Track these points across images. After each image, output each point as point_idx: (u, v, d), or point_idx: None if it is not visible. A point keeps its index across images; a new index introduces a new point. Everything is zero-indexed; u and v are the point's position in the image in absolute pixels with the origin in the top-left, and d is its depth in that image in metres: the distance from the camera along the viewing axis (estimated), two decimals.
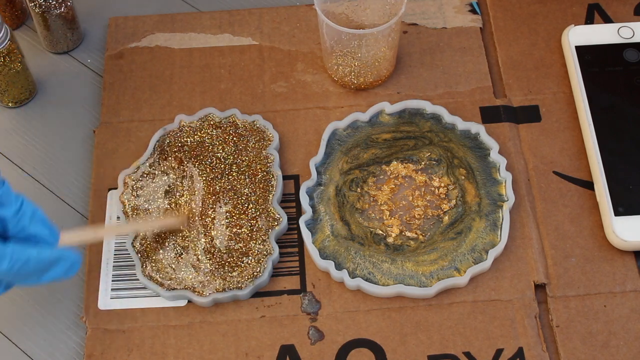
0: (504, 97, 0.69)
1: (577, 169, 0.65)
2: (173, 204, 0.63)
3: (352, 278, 0.60)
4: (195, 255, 0.61)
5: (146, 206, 0.63)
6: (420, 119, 0.67)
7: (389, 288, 0.59)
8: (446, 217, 0.62)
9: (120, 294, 0.61)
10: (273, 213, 0.62)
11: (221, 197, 0.63)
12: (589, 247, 0.62)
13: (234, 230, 0.62)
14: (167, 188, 0.63)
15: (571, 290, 0.60)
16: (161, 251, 0.61)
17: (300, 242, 0.63)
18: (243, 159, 0.65)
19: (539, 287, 0.61)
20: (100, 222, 0.64)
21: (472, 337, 0.59)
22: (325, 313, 0.60)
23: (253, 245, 0.61)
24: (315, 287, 0.61)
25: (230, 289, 0.60)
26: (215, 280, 0.60)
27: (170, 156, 0.65)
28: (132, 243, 0.62)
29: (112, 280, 0.62)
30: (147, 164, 0.65)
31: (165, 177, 0.64)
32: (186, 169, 0.64)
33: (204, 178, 0.64)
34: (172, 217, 0.62)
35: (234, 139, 0.66)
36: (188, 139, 0.66)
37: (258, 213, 0.62)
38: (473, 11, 0.73)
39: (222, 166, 0.64)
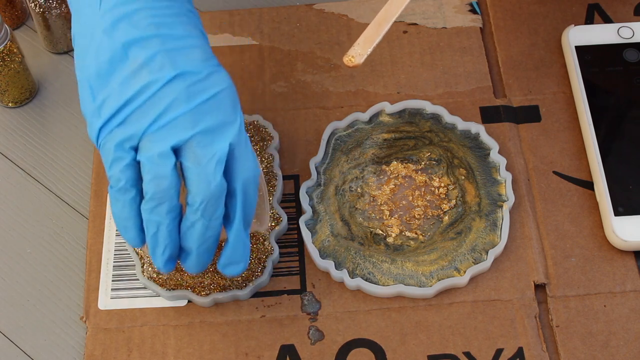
0: (504, 97, 0.69)
1: (577, 169, 0.65)
2: None
3: (352, 278, 0.60)
4: None
5: None
6: (420, 119, 0.67)
7: (389, 288, 0.59)
8: (446, 217, 0.62)
9: (120, 294, 0.61)
10: (273, 213, 0.62)
11: None
12: (589, 247, 0.62)
13: None
14: None
15: (571, 290, 0.60)
16: None
17: (300, 242, 0.63)
18: None
19: (539, 287, 0.61)
20: (100, 222, 0.64)
21: (472, 337, 0.59)
22: (325, 313, 0.60)
23: (253, 245, 0.61)
24: (315, 287, 0.61)
25: (230, 289, 0.60)
26: (215, 280, 0.60)
27: None
28: None
29: (112, 280, 0.62)
30: None
31: None
32: None
33: None
34: None
35: None
36: None
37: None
38: (473, 11, 0.73)
39: None
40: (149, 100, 0.49)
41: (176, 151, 0.49)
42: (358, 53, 0.55)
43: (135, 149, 0.49)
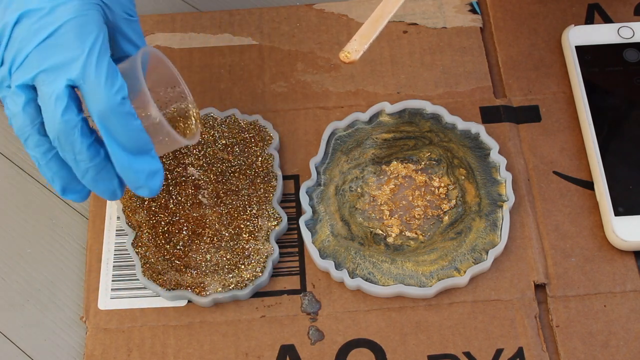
0: (504, 97, 0.69)
1: (577, 169, 0.65)
2: (174, 203, 0.63)
3: (352, 278, 0.60)
4: (195, 255, 0.61)
5: (147, 205, 0.63)
6: (420, 119, 0.67)
7: (389, 288, 0.60)
8: (446, 217, 0.62)
9: (120, 294, 0.61)
10: (273, 213, 0.62)
11: (221, 197, 0.63)
12: (589, 247, 0.62)
13: (234, 230, 0.62)
14: (168, 188, 0.63)
15: (571, 290, 0.60)
16: (161, 251, 0.61)
17: (300, 242, 0.63)
18: (243, 159, 0.65)
19: (539, 287, 0.61)
20: (100, 222, 0.64)
21: (472, 337, 0.59)
22: (325, 313, 0.60)
23: (253, 245, 0.61)
24: (315, 287, 0.61)
25: (230, 289, 0.60)
26: (215, 280, 0.60)
27: (170, 156, 0.65)
28: (132, 243, 0.62)
29: (112, 280, 0.62)
30: None
31: (166, 177, 0.64)
32: (186, 169, 0.64)
33: (204, 178, 0.64)
34: None
35: (234, 139, 0.66)
36: None
37: (258, 213, 0.62)
38: (473, 11, 0.73)
39: (222, 166, 0.64)
40: (8, 42, 0.50)
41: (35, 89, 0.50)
42: (354, 49, 0.55)
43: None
